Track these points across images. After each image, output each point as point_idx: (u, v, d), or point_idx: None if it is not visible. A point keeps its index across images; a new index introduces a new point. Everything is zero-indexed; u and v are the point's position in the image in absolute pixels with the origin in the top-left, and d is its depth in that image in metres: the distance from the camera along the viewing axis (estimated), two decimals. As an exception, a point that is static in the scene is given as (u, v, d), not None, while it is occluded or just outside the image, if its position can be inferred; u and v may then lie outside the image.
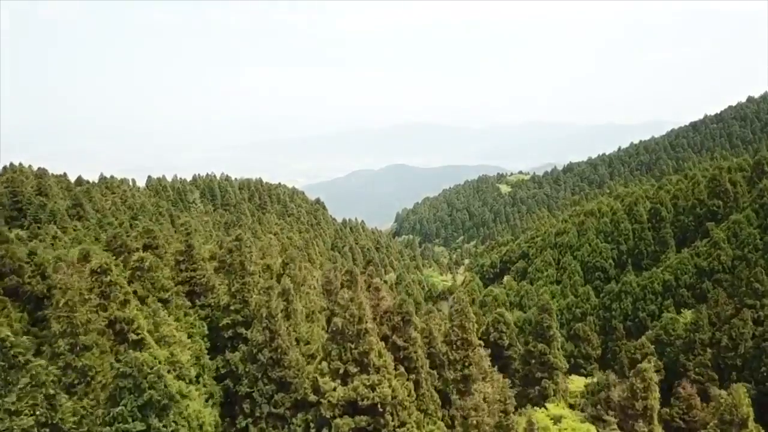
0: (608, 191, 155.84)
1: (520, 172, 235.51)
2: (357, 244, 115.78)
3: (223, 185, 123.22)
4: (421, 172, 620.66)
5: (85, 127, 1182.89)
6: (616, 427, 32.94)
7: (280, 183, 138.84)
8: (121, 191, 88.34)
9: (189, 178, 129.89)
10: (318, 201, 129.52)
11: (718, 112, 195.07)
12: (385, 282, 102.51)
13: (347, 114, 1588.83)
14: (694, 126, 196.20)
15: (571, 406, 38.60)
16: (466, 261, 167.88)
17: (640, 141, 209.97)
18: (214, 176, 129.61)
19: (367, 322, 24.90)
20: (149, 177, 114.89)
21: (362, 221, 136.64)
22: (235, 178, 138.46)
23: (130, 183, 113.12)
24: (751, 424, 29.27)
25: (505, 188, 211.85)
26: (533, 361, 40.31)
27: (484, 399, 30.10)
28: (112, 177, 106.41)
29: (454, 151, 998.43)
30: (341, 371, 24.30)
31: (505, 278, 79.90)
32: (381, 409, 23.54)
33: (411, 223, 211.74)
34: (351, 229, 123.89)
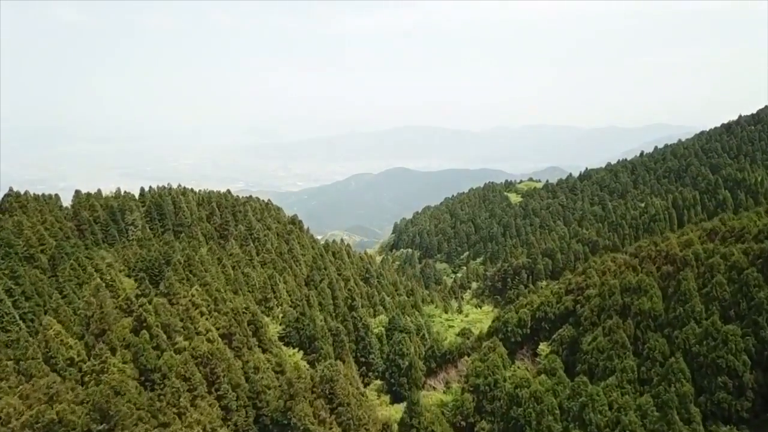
0: (642, 203, 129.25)
1: (530, 179, 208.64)
2: (340, 275, 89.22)
3: (177, 201, 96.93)
4: (422, 175, 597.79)
5: (84, 130, 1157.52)
6: None
7: (251, 196, 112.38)
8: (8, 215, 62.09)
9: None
10: (293, 220, 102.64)
11: (755, 112, 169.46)
12: (373, 332, 75.91)
13: (347, 116, 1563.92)
14: (727, 128, 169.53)
15: None
16: (474, 284, 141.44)
17: (666, 145, 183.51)
18: (170, 188, 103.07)
19: None
20: (76, 192, 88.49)
21: (348, 245, 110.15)
22: (200, 190, 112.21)
23: (54, 198, 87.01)
24: None
25: (514, 197, 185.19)
26: None
27: None
28: (25, 193, 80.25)
29: (454, 154, 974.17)
30: None
31: (542, 349, 53.33)
32: None
33: (410, 235, 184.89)
34: (334, 254, 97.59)
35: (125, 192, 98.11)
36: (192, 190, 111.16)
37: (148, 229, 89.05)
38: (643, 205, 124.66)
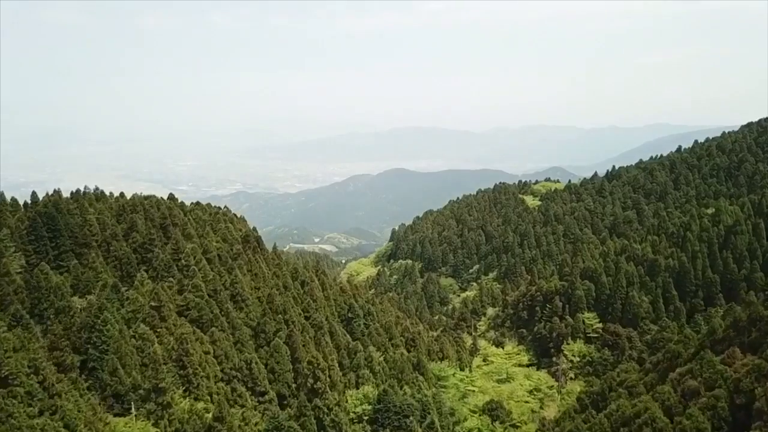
0: (708, 209, 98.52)
1: (548, 179, 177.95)
2: (308, 320, 59.16)
3: (86, 210, 66.72)
4: (422, 176, 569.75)
5: (82, 132, 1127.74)
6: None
7: (198, 202, 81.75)
8: None
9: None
10: (248, 237, 71.20)
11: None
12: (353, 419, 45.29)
13: (346, 117, 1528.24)
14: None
15: None
16: (490, 310, 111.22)
17: (707, 139, 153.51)
18: (84, 193, 72.68)
19: None
20: None
21: (323, 271, 79.41)
22: (134, 194, 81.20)
23: None
24: None
25: (531, 200, 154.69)
26: None
27: None
28: None
29: (454, 154, 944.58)
30: None
31: None
32: None
33: (410, 244, 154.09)
34: (303, 285, 67.39)
35: (12, 198, 67.81)
36: (122, 194, 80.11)
37: (26, 255, 58.73)
38: (709, 211, 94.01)
